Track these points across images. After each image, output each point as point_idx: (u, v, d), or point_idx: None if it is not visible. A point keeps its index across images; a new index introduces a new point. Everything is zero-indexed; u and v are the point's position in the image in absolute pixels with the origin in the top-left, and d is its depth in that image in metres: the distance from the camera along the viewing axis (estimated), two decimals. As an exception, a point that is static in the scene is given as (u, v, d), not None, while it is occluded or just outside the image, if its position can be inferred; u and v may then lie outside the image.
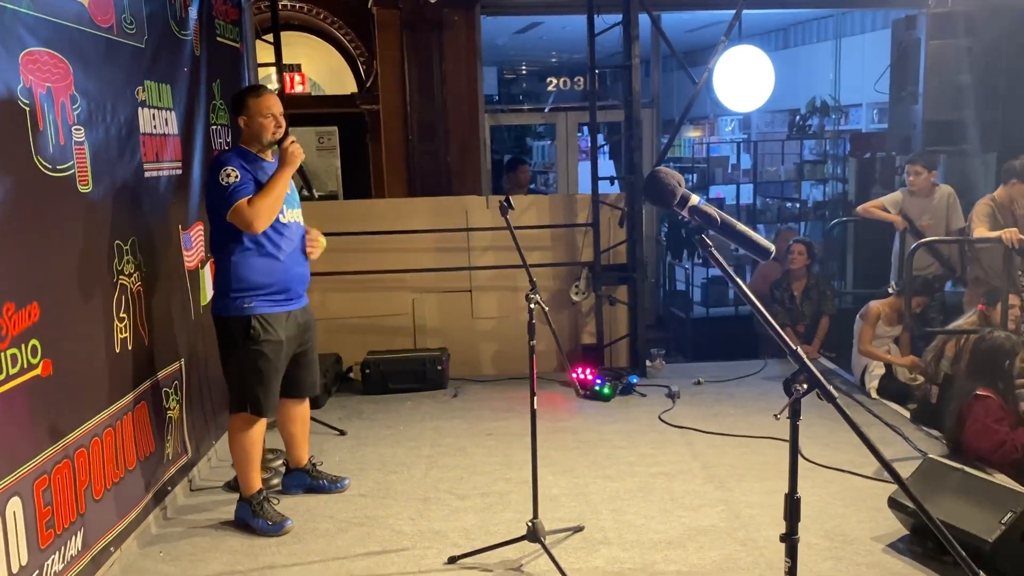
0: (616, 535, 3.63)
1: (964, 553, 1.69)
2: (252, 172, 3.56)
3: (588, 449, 4.67)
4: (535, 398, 3.42)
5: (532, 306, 3.36)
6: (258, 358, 3.61)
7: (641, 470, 4.36)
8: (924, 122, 6.02)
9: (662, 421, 5.10)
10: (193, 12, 4.48)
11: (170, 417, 4.01)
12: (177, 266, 4.20)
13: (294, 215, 3.75)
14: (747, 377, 5.99)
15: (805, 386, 1.62)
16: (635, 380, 5.74)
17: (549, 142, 12.22)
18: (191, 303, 4.34)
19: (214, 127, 4.79)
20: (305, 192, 3.81)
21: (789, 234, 6.56)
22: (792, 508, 1.66)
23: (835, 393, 1.63)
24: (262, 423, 3.76)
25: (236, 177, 3.46)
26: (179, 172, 4.24)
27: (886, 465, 1.62)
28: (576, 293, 6.17)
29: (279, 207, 3.57)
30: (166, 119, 4.10)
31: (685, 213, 1.62)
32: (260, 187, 3.52)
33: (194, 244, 4.43)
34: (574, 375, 5.71)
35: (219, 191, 3.48)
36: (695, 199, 1.62)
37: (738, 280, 1.68)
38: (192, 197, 4.41)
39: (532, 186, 10.48)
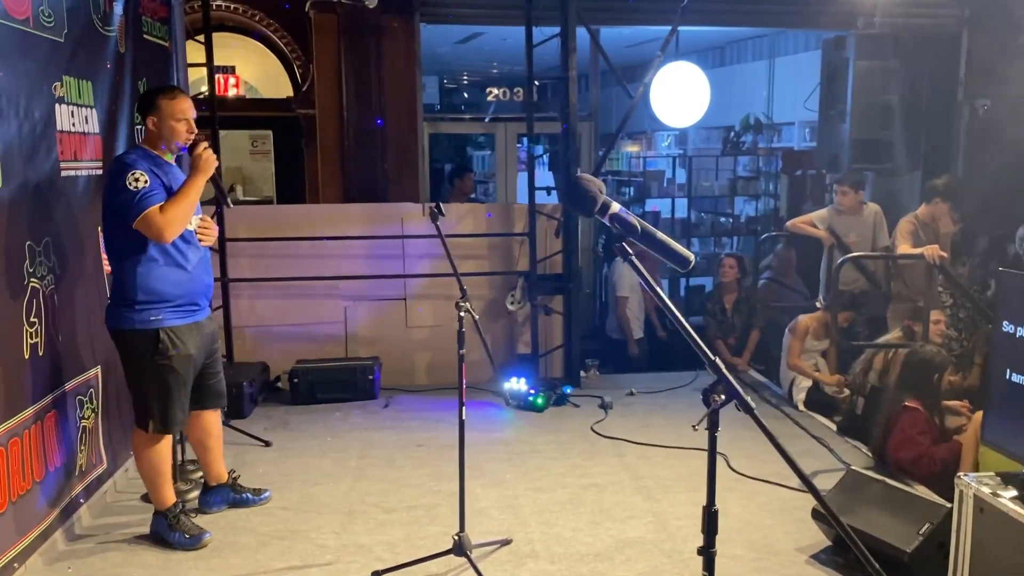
0: (544, 548, 3.59)
1: (872, 559, 1.68)
2: (159, 176, 3.38)
3: (519, 461, 4.63)
4: (463, 408, 3.36)
5: (462, 314, 3.30)
6: (167, 373, 3.44)
7: (572, 482, 4.33)
8: (851, 141, 6.16)
9: (594, 432, 5.10)
10: (118, 8, 4.32)
11: (84, 427, 3.84)
12: (95, 269, 4.04)
13: (196, 222, 3.57)
14: (679, 388, 6.03)
15: (723, 397, 1.60)
16: (569, 391, 5.73)
17: (490, 152, 12.21)
18: (109, 308, 4.17)
19: (139, 127, 4.61)
20: (221, 200, 3.62)
21: (730, 260, 6.69)
22: (710, 521, 1.65)
23: (753, 404, 1.61)
24: (168, 439, 3.61)
25: (145, 182, 3.27)
26: (100, 172, 4.07)
27: (802, 477, 1.62)
28: (512, 303, 6.14)
29: (191, 216, 3.42)
30: (86, 117, 3.94)
31: (606, 220, 1.60)
32: (168, 192, 3.35)
33: (115, 247, 4.26)
34: (504, 384, 5.68)
35: (125, 196, 3.25)
36: (616, 207, 1.60)
37: (659, 289, 1.66)
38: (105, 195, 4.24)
39: (473, 195, 10.46)
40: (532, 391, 5.56)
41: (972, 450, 4.13)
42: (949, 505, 3.21)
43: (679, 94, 7.88)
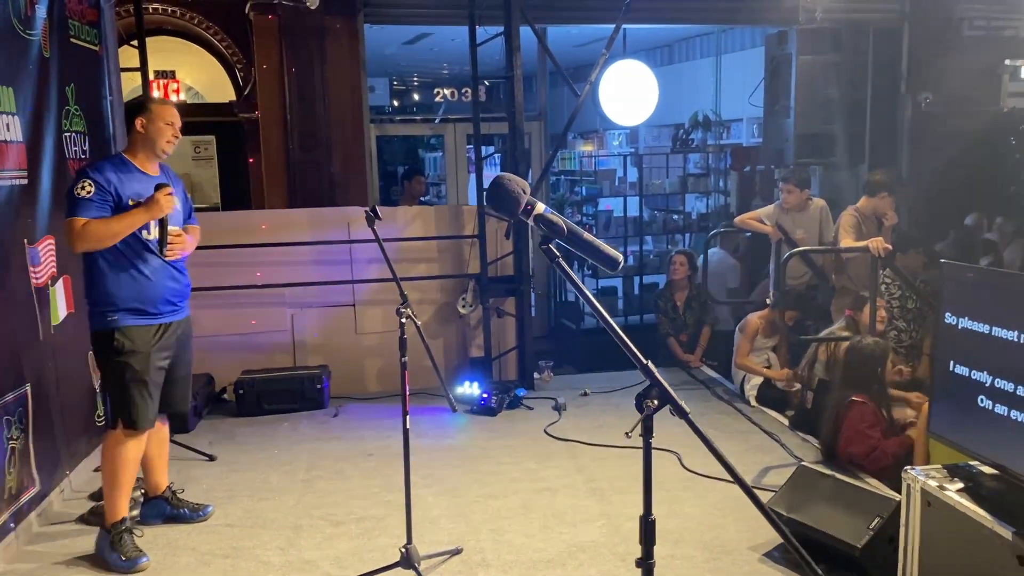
0: (495, 556, 3.52)
1: (810, 559, 1.64)
2: (119, 185, 3.42)
3: (472, 466, 4.55)
4: (407, 417, 3.28)
5: (403, 320, 3.22)
6: (124, 370, 3.47)
7: (524, 486, 4.27)
8: (795, 135, 6.20)
9: (547, 435, 5.04)
10: (41, 11, 4.15)
11: (12, 447, 3.67)
12: (21, 283, 3.87)
13: (173, 231, 3.56)
14: (633, 387, 5.99)
15: (656, 402, 1.54)
16: (522, 393, 5.67)
17: (441, 154, 12.10)
18: (39, 323, 4.01)
19: (67, 134, 4.47)
20: (159, 247, 3.54)
21: (680, 257, 6.69)
22: (647, 531, 1.58)
23: (687, 409, 1.55)
24: (139, 445, 3.57)
25: (88, 192, 3.34)
26: (24, 182, 3.91)
27: (738, 479, 1.56)
28: (463, 306, 6.06)
29: (111, 243, 3.39)
30: (7, 124, 3.77)
31: (531, 221, 1.53)
32: (115, 202, 3.38)
33: (43, 259, 4.10)
34: (456, 389, 5.60)
35: (69, 197, 3.37)
36: (541, 207, 1.53)
37: (587, 292, 1.60)
38: (40, 208, 4.08)
39: (425, 198, 10.34)
40: (485, 394, 5.48)
41: (923, 443, 4.15)
42: (898, 498, 3.20)
43: (627, 92, 7.88)
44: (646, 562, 1.57)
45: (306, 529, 3.82)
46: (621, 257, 1.54)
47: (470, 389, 5.63)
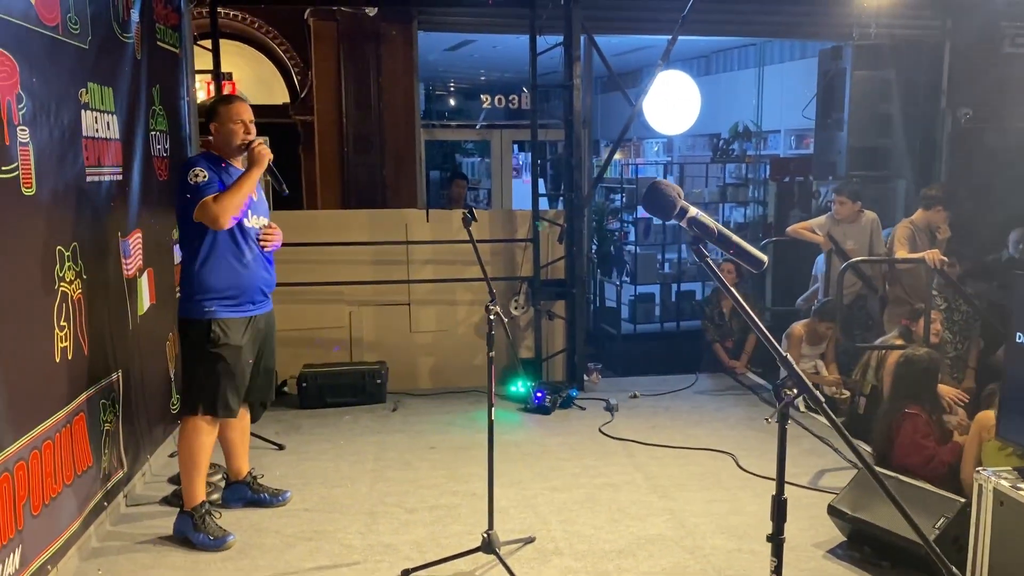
0: (567, 545, 3.67)
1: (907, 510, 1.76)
2: (220, 175, 3.59)
3: (532, 461, 4.70)
4: (492, 409, 3.43)
5: (492, 316, 3.38)
6: (216, 361, 3.61)
7: (586, 481, 4.41)
8: (848, 148, 6.32)
9: (603, 433, 5.18)
10: (135, 15, 4.36)
11: (107, 430, 3.86)
12: (116, 274, 4.06)
13: (260, 222, 3.75)
14: (681, 391, 6.14)
15: (794, 391, 1.69)
16: (575, 394, 5.81)
17: (478, 159, 12.28)
18: (128, 313, 4.20)
19: (153, 133, 4.67)
20: (278, 188, 3.78)
21: (728, 265, 6.81)
22: (779, 509, 1.73)
23: (822, 398, 1.70)
24: (213, 431, 3.72)
25: (204, 177, 3.53)
26: (119, 177, 4.11)
27: (865, 464, 1.69)
28: (515, 308, 6.22)
29: (242, 204, 3.58)
30: (108, 123, 3.98)
31: (684, 224, 1.68)
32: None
33: (132, 252, 4.30)
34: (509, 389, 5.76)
35: (187, 189, 3.52)
36: (693, 210, 1.69)
37: (733, 291, 1.74)
38: (132, 203, 4.28)
39: (470, 204, 10.52)
40: (538, 394, 5.64)
41: (973, 449, 4.26)
42: (963, 500, 3.33)
43: (671, 102, 8.05)
44: (776, 537, 1.71)
45: (382, 515, 3.98)
46: (765, 258, 1.69)
47: (521, 388, 5.78)
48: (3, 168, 2.94)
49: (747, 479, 4.44)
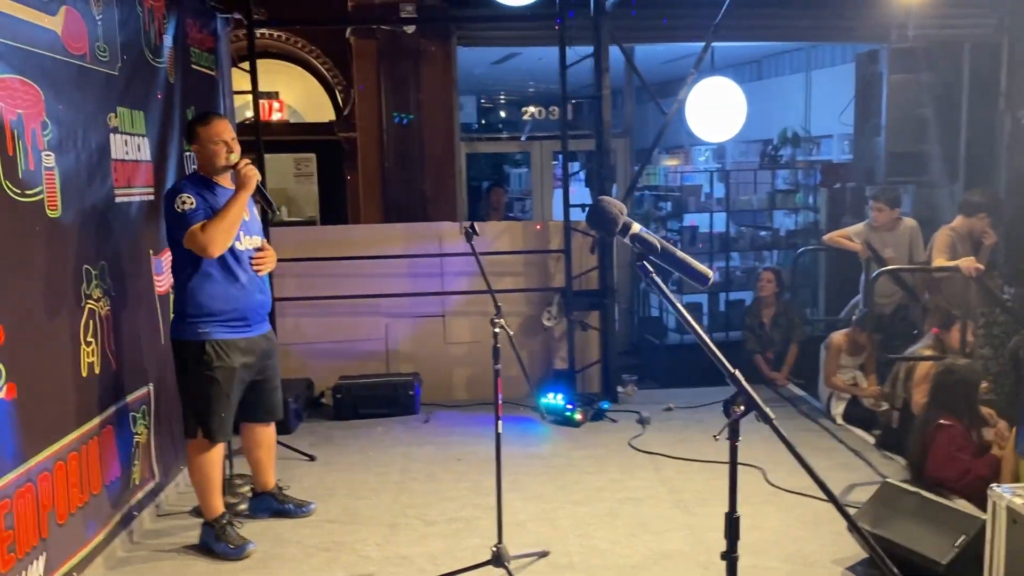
0: (581, 560, 3.65)
1: (891, 566, 1.73)
2: (207, 198, 3.61)
3: (557, 475, 4.70)
4: (500, 422, 3.45)
5: (497, 331, 3.40)
6: (209, 384, 3.63)
7: (609, 495, 4.39)
8: (887, 154, 6.16)
9: (631, 447, 5.15)
10: (168, 40, 4.53)
11: (138, 442, 4.01)
12: (148, 291, 4.22)
13: (253, 243, 3.78)
14: (718, 403, 5.99)
15: (742, 408, 1.67)
16: (606, 406, 5.78)
17: (526, 169, 12.33)
18: (160, 327, 4.35)
19: (188, 153, 4.81)
20: (268, 210, 3.83)
21: (768, 274, 6.71)
22: (731, 527, 1.71)
23: (772, 415, 1.67)
24: (219, 448, 3.79)
25: (191, 204, 3.53)
26: (151, 198, 4.26)
27: (821, 486, 1.67)
28: (548, 319, 6.22)
29: (235, 231, 3.61)
30: (139, 145, 4.14)
31: (627, 240, 1.68)
32: (214, 213, 3.57)
33: (165, 269, 4.43)
34: (541, 400, 5.76)
35: (175, 218, 3.55)
36: (636, 227, 1.68)
37: (680, 307, 1.74)
38: (163, 223, 4.43)
39: (510, 213, 10.55)
40: (569, 406, 5.62)
41: (1011, 463, 4.10)
42: (985, 517, 3.21)
43: (715, 109, 7.93)
44: (730, 555, 1.69)
45: (401, 527, 4.03)
46: (711, 273, 1.68)
47: (554, 400, 5.77)
48: (28, 192, 3.09)
49: (773, 494, 4.36)
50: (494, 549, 3.42)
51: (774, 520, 4.02)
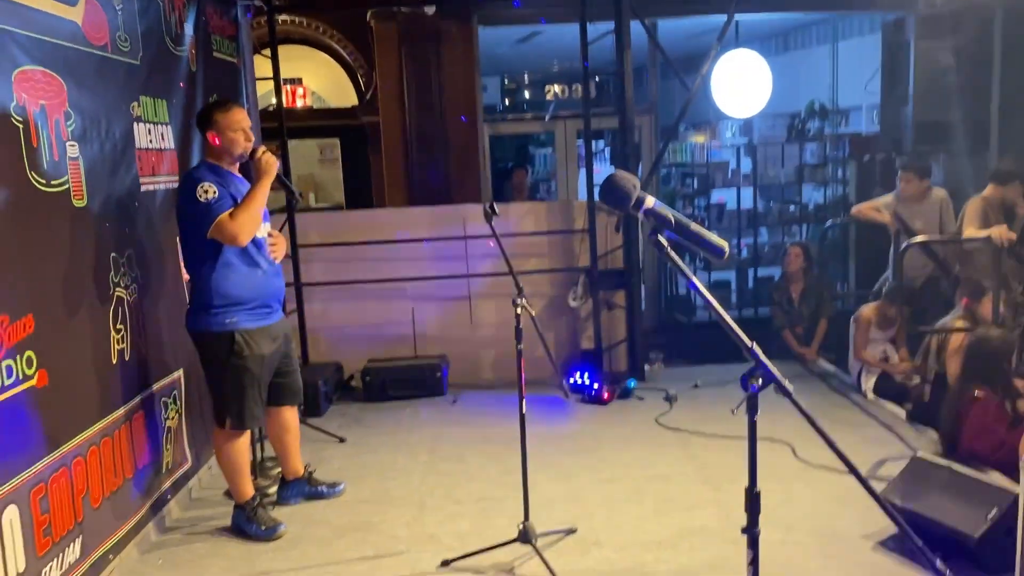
0: (608, 537, 3.66)
1: (921, 543, 1.70)
2: (225, 186, 3.58)
3: (585, 453, 4.70)
4: (523, 402, 3.46)
5: (519, 311, 3.40)
6: (243, 373, 3.64)
7: (637, 473, 4.39)
8: (915, 123, 6.03)
9: (659, 424, 5.13)
10: (189, 28, 4.56)
11: (169, 427, 4.07)
12: (175, 277, 4.27)
13: (266, 229, 3.78)
14: (745, 379, 5.99)
15: (760, 381, 1.65)
16: (633, 384, 5.77)
17: (551, 150, 12.27)
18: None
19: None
20: (290, 196, 3.84)
21: (795, 249, 6.62)
22: (752, 503, 1.70)
23: (790, 388, 1.66)
24: (247, 434, 3.82)
25: (214, 193, 3.47)
26: (176, 185, 4.29)
27: (842, 457, 1.65)
28: (574, 299, 6.21)
29: (260, 219, 3.60)
30: (162, 134, 4.18)
31: (641, 215, 1.67)
32: (234, 201, 3.55)
33: (193, 256, 4.49)
34: (568, 379, 5.75)
35: (198, 208, 3.47)
36: (651, 201, 1.67)
37: (696, 280, 1.72)
38: (180, 211, 4.47)
39: (537, 195, 10.50)
40: (596, 385, 5.62)
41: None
42: (1018, 490, 3.16)
43: (740, 83, 7.82)
44: (751, 530, 1.68)
45: (430, 507, 4.06)
46: (727, 245, 1.66)
47: (581, 379, 5.77)
48: (53, 182, 3.14)
49: (803, 469, 4.33)
50: (521, 527, 3.43)
51: (804, 496, 3.99)
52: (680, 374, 6.32)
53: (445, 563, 3.46)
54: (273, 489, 4.25)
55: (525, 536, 3.41)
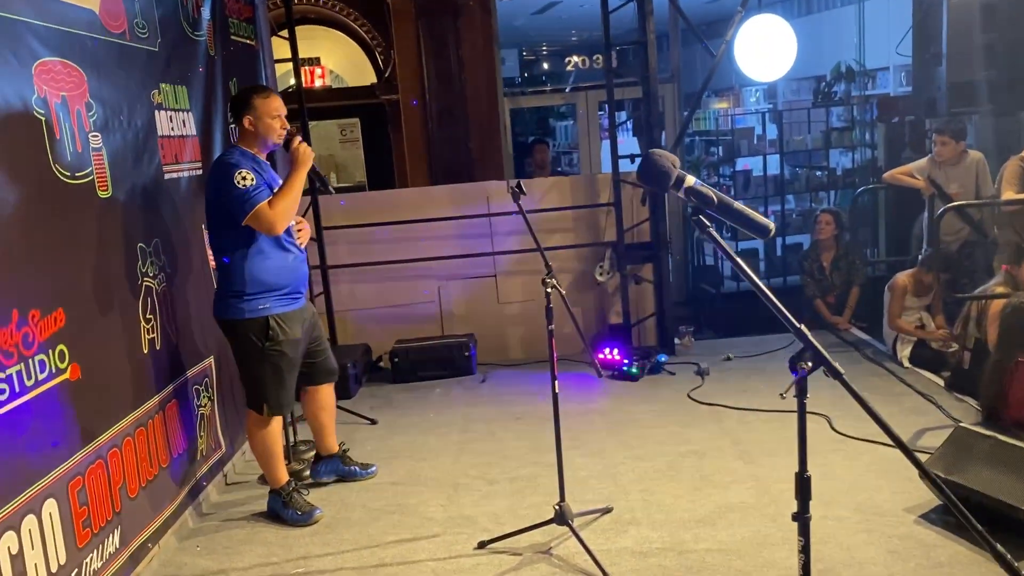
0: (645, 515, 3.63)
1: (966, 512, 1.65)
2: (260, 174, 3.55)
3: (617, 430, 4.66)
4: (556, 382, 3.41)
5: (549, 290, 3.35)
6: (279, 358, 3.64)
7: (671, 449, 4.35)
8: (948, 84, 5.85)
9: (691, 399, 5.08)
10: (206, 12, 4.50)
11: (202, 414, 4.08)
12: (202, 264, 4.25)
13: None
14: (778, 351, 5.92)
15: (810, 364, 1.59)
16: (663, 359, 5.71)
17: (572, 122, 12.16)
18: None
19: (232, 126, 4.81)
20: (322, 188, 3.83)
21: (826, 216, 6.49)
22: (803, 487, 1.65)
23: (841, 370, 1.60)
24: (279, 420, 3.83)
25: (252, 180, 3.43)
26: (199, 172, 4.28)
27: (896, 440, 1.59)
28: (601, 274, 6.14)
29: (296, 207, 3.57)
30: (184, 120, 4.14)
31: (681, 194, 1.61)
32: (269, 189, 3.53)
33: (218, 243, 4.48)
34: (597, 356, 5.71)
35: (235, 194, 3.42)
36: (691, 180, 1.61)
37: (736, 258, 1.66)
38: (212, 196, 4.45)
39: (558, 168, 10.41)
40: (626, 361, 5.57)
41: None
42: (1068, 461, 3.09)
43: (764, 48, 7.66)
44: (802, 516, 1.64)
45: (464, 487, 4.05)
46: (772, 225, 1.60)
47: (610, 355, 5.72)
48: (77, 174, 3.11)
49: (841, 442, 4.26)
50: (557, 507, 3.41)
51: (842, 469, 3.93)
52: (711, 347, 6.26)
53: (482, 544, 3.45)
54: (307, 473, 4.26)
55: (561, 517, 3.38)
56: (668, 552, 3.31)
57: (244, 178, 3.43)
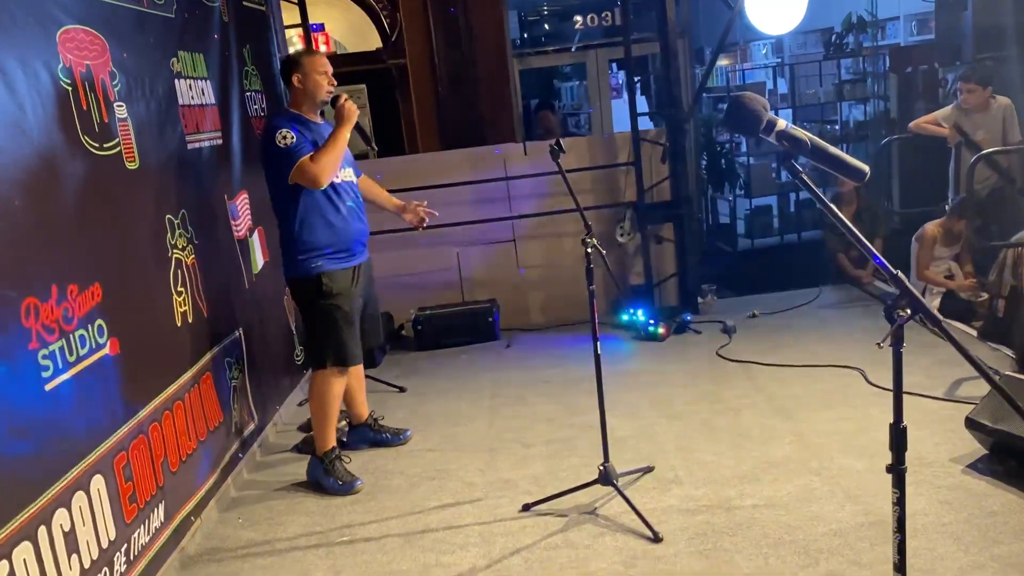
0: (687, 474, 3.61)
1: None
2: (305, 133, 3.61)
3: (649, 390, 4.64)
4: (598, 343, 3.37)
5: (589, 250, 3.30)
6: (335, 311, 3.72)
7: (705, 407, 4.32)
8: (975, 29, 5.73)
9: (720, 357, 5.05)
10: (218, -24, 4.40)
11: (234, 386, 4.05)
12: (227, 236, 4.20)
13: (346, 174, 3.80)
14: (803, 306, 5.89)
15: (908, 311, 1.55)
16: (688, 318, 5.67)
17: (577, 82, 11.98)
18: (244, 272, 4.35)
19: (248, 93, 4.74)
20: (366, 146, 3.85)
21: None
22: (898, 438, 1.61)
23: (940, 317, 1.55)
24: (343, 380, 3.85)
25: (293, 138, 3.54)
26: (219, 141, 4.21)
27: (995, 385, 1.55)
28: (621, 234, 6.08)
29: (339, 162, 3.63)
30: (202, 89, 4.06)
31: (773, 138, 1.55)
32: (315, 146, 3.58)
33: (240, 213, 4.42)
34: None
35: (278, 153, 3.54)
36: (783, 123, 1.55)
37: (831, 205, 1.61)
38: (234, 166, 4.39)
39: (569, 131, 10.23)
40: (652, 321, 5.53)
41: None
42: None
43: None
44: (897, 467, 1.60)
45: (501, 452, 4.03)
46: (867, 168, 1.54)
47: (634, 316, 5.68)
48: (105, 145, 3.04)
49: (877, 395, 4.24)
50: (601, 468, 3.38)
51: (882, 422, 3.85)
52: (734, 305, 6.21)
53: (526, 507, 3.43)
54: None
55: (606, 477, 3.37)
56: (715, 509, 3.29)
57: (284, 137, 3.53)
